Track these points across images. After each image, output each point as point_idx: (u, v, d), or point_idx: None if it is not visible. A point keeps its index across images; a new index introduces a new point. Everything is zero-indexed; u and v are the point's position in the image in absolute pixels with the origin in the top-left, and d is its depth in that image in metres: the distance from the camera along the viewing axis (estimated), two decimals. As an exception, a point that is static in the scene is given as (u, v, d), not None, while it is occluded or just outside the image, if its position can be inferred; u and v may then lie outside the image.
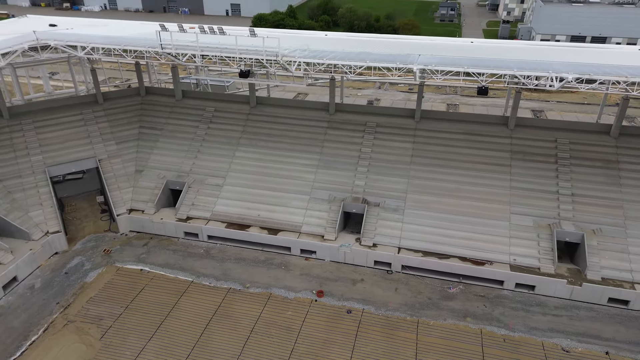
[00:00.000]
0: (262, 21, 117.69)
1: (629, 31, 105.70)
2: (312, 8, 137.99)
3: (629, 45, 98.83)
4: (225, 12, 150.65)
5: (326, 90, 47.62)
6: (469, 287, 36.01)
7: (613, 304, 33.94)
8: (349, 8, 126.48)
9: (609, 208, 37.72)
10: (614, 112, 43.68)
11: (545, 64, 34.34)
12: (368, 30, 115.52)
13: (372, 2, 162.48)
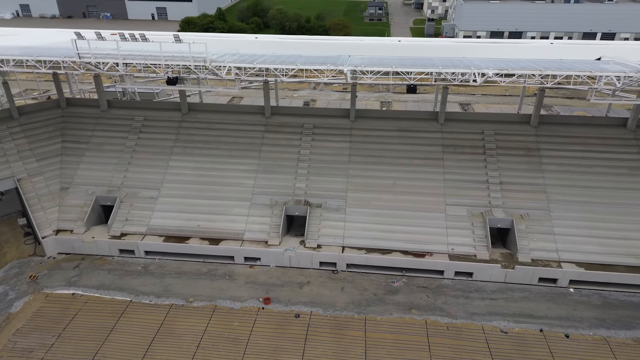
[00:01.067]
0: (191, 25, 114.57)
1: (542, 26, 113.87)
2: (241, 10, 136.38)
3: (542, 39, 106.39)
4: (150, 16, 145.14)
5: (262, 92, 47.02)
6: (412, 280, 37.01)
7: (543, 283, 36.24)
8: (279, 9, 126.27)
9: (533, 193, 40.21)
10: (533, 102, 46.66)
11: (468, 60, 36.05)
12: (299, 31, 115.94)
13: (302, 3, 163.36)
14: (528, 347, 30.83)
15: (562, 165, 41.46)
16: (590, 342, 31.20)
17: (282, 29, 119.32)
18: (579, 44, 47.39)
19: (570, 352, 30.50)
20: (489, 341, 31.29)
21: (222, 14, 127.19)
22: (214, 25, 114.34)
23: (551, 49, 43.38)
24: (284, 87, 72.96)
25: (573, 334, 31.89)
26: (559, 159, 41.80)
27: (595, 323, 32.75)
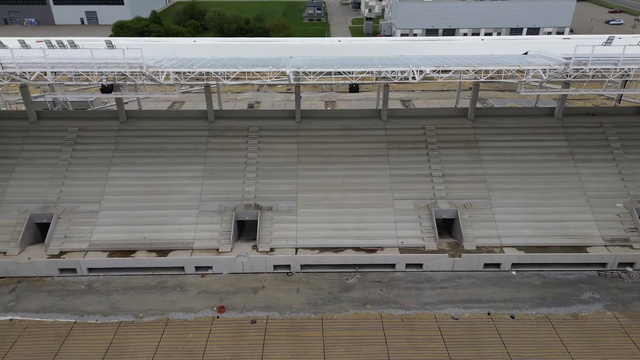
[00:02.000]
0: (124, 29, 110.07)
1: (473, 22, 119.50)
2: (177, 13, 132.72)
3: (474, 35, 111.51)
4: (80, 20, 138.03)
5: (204, 97, 46.01)
6: (365, 275, 37.62)
7: (488, 268, 38.01)
8: (216, 11, 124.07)
9: (474, 183, 42.08)
10: (469, 96, 48.78)
11: (406, 59, 37.11)
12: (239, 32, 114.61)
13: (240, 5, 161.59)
14: (477, 331, 32.24)
15: (498, 155, 43.67)
16: (533, 321, 33.09)
17: (221, 31, 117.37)
18: (507, 40, 50.11)
19: (516, 332, 32.20)
20: (442, 329, 32.42)
21: (157, 17, 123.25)
22: (149, 29, 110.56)
23: (482, 45, 45.50)
24: (227, 90, 71.81)
25: (518, 314, 33.70)
26: (495, 149, 44.01)
27: (537, 302, 34.78)
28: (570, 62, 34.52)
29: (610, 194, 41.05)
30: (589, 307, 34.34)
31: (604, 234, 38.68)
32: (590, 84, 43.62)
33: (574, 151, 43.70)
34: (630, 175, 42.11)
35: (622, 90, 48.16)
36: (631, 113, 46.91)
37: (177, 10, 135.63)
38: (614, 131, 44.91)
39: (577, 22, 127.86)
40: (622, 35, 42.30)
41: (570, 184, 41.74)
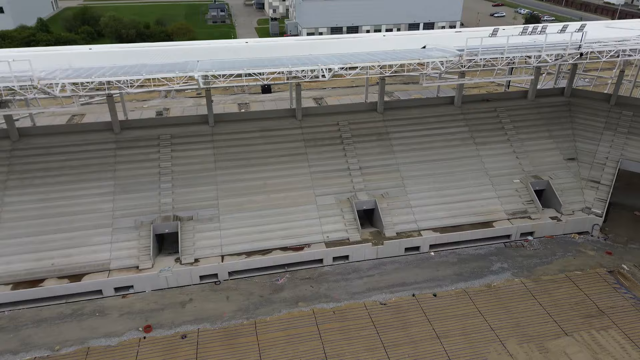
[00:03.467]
0: (7, 39, 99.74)
1: (375, 19, 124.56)
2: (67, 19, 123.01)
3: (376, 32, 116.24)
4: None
5: (107, 107, 43.21)
6: (295, 274, 37.89)
7: (409, 252, 40.09)
8: (112, 16, 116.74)
9: (389, 173, 44.04)
10: (377, 90, 50.78)
11: (315, 57, 37.79)
12: (139, 38, 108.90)
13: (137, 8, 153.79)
14: (405, 313, 33.92)
15: (408, 145, 46.08)
16: (453, 296, 35.52)
17: (119, 37, 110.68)
18: (406, 35, 52.86)
19: (439, 308, 34.35)
20: (372, 315, 33.65)
21: (45, 24, 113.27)
22: (36, 38, 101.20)
23: (384, 41, 47.64)
24: (132, 98, 68.13)
25: (439, 292, 35.96)
26: (405, 139, 46.40)
27: (455, 278, 37.36)
28: (464, 54, 37.35)
29: (508, 172, 45.14)
30: (499, 276, 37.57)
31: (506, 208, 42.47)
32: (483, 72, 47.58)
33: (474, 135, 47.41)
34: (522, 153, 46.61)
35: (510, 76, 53.08)
36: (519, 97, 51.87)
37: (66, 16, 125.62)
38: (506, 114, 49.39)
39: (466, 15, 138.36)
40: (505, 27, 46.58)
41: (473, 166, 45.24)
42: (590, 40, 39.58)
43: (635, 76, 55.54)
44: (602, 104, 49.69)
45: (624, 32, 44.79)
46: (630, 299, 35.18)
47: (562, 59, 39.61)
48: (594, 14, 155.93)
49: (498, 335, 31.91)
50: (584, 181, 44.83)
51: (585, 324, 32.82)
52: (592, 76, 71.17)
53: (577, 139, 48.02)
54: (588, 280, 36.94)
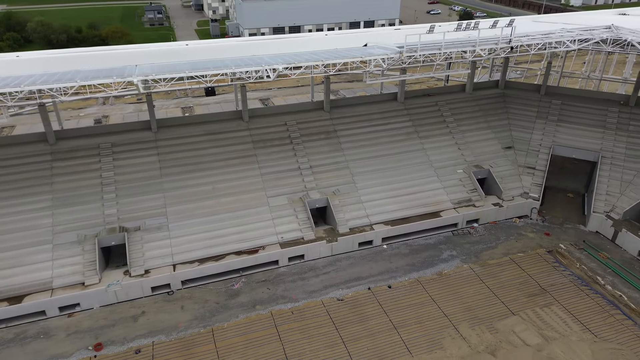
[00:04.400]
0: None
1: (316, 19, 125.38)
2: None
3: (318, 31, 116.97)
4: None
5: (39, 117, 40.77)
6: (251, 277, 37.49)
7: (363, 247, 40.76)
8: (39, 21, 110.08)
9: (339, 171, 44.54)
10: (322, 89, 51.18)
11: (258, 58, 37.51)
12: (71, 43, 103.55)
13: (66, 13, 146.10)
14: (361, 306, 34.47)
15: (356, 141, 46.80)
16: (407, 286, 36.51)
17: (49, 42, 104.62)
18: (348, 33, 53.64)
19: (394, 299, 35.20)
20: (330, 312, 33.94)
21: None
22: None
23: (327, 40, 48.06)
24: (66, 107, 64.81)
25: (393, 283, 36.85)
26: (353, 137, 47.09)
27: (407, 269, 38.41)
28: (404, 50, 38.42)
29: (451, 163, 46.92)
30: (449, 264, 39.02)
31: (451, 198, 44.15)
32: (423, 68, 49.15)
33: (418, 129, 48.90)
34: (464, 144, 48.62)
35: (448, 71, 55.12)
36: (458, 90, 54.05)
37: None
38: (446, 108, 51.31)
39: (404, 13, 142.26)
40: (441, 23, 48.28)
41: (419, 159, 46.65)
42: (519, 34, 41.86)
43: (561, 67, 59.41)
44: (533, 95, 52.77)
45: (549, 25, 47.75)
46: (569, 275, 37.64)
47: (495, 52, 41.67)
48: (521, 9, 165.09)
49: (451, 321, 33.15)
50: (521, 168, 47.43)
51: (530, 303, 34.78)
52: (523, 68, 75.38)
53: (513, 128, 50.72)
54: (530, 261, 39.15)
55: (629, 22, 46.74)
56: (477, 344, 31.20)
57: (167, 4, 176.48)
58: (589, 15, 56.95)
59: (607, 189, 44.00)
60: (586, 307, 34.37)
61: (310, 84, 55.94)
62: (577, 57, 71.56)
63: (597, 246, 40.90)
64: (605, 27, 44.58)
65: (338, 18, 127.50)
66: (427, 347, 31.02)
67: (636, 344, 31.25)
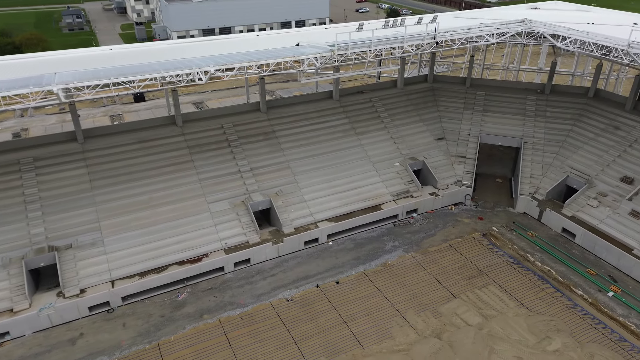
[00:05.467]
0: None
1: (247, 19, 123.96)
2: None
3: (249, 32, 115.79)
4: None
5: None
6: (196, 287, 36.48)
7: (309, 245, 40.94)
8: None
9: (280, 171, 44.41)
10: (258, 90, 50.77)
11: (188, 60, 36.48)
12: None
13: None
14: (311, 304, 34.65)
15: (295, 141, 46.89)
16: (354, 280, 37.14)
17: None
18: (279, 33, 53.47)
19: (342, 294, 35.68)
20: (280, 314, 33.79)
21: None
22: None
23: (259, 41, 47.63)
24: (-21, 121, 59.63)
25: (341, 278, 37.34)
26: (292, 136, 47.14)
27: (353, 263, 39.07)
28: (335, 49, 38.96)
29: (388, 157, 48.28)
30: (392, 254, 40.16)
31: (390, 190, 45.42)
32: (355, 65, 50.13)
33: (354, 126, 49.83)
34: (399, 138, 50.19)
35: (380, 68, 56.81)
36: (390, 86, 55.65)
37: None
38: (380, 103, 52.69)
39: (334, 12, 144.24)
40: (370, 21, 49.46)
41: (357, 155, 47.56)
42: (442, 30, 43.82)
43: (483, 60, 62.94)
44: (460, 87, 55.49)
45: (470, 21, 50.38)
46: (502, 255, 40.02)
47: (422, 48, 43.35)
48: (443, 6, 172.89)
49: (398, 310, 34.15)
50: (453, 157, 49.73)
51: (469, 285, 36.60)
52: (449, 62, 79.06)
53: (443, 120, 53.04)
54: (467, 245, 41.19)
55: (541, 16, 50.41)
56: (424, 329, 32.38)
57: (86, 8, 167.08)
58: (505, 10, 60.71)
59: (530, 172, 47.20)
60: (520, 283, 36.71)
61: (245, 85, 55.33)
62: (497, 50, 76.23)
63: (525, 226, 43.79)
64: (519, 21, 47.75)
65: (269, 18, 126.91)
66: (377, 338, 31.75)
67: (566, 314, 33.84)
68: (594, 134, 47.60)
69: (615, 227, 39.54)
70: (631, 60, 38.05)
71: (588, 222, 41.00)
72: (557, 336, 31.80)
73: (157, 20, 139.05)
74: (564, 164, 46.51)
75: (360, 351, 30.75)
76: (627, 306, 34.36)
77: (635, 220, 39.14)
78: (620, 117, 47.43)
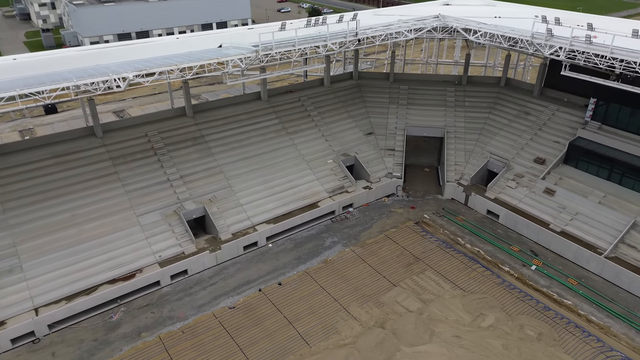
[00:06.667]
0: None
1: (165, 22, 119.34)
2: None
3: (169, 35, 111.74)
4: None
5: None
6: (131, 304, 34.62)
7: (248, 249, 40.28)
8: None
9: (213, 176, 43.27)
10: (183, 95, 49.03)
11: (104, 67, 34.39)
12: None
13: None
14: (255, 309, 34.14)
15: (226, 144, 45.92)
16: (297, 280, 37.09)
17: None
18: (201, 35, 51.96)
19: (286, 295, 35.51)
20: (223, 322, 32.96)
21: None
22: None
23: (180, 44, 45.94)
24: None
25: (283, 279, 37.14)
26: (222, 140, 46.12)
27: (295, 263, 39.02)
28: (259, 49, 38.56)
29: (321, 155, 48.72)
30: (332, 250, 40.61)
31: (326, 187, 45.88)
32: (281, 65, 49.94)
33: (285, 126, 49.75)
34: (330, 135, 50.80)
35: (306, 67, 57.11)
36: (317, 85, 56.15)
37: None
38: (309, 102, 53.01)
39: (256, 12, 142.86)
40: (292, 21, 49.48)
41: (291, 154, 47.54)
42: (363, 27, 44.86)
43: (404, 55, 65.37)
44: (384, 82, 57.22)
45: (388, 18, 51.98)
46: (435, 241, 41.85)
47: (345, 45, 44.12)
48: (362, 4, 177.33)
49: (341, 304, 34.59)
50: (383, 150, 51.21)
51: (408, 272, 37.91)
52: (372, 59, 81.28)
53: (370, 115, 54.43)
54: (402, 234, 42.62)
55: (453, 11, 53.11)
56: (368, 321, 33.06)
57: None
58: (420, 7, 63.36)
59: (454, 160, 49.77)
60: (453, 266, 38.61)
61: (168, 90, 53.30)
62: (416, 45, 79.47)
63: (454, 211, 46.12)
64: (434, 16, 50.04)
65: (189, 20, 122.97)
66: (323, 334, 31.95)
67: (496, 290, 36.07)
68: (507, 120, 51.11)
69: (532, 205, 42.77)
70: (535, 50, 41.20)
71: (509, 202, 44.01)
72: (490, 312, 33.82)
73: (66, 26, 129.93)
74: (484, 150, 49.52)
75: (307, 350, 30.78)
76: (548, 277, 37.31)
77: (549, 197, 42.57)
78: (529, 103, 51.33)
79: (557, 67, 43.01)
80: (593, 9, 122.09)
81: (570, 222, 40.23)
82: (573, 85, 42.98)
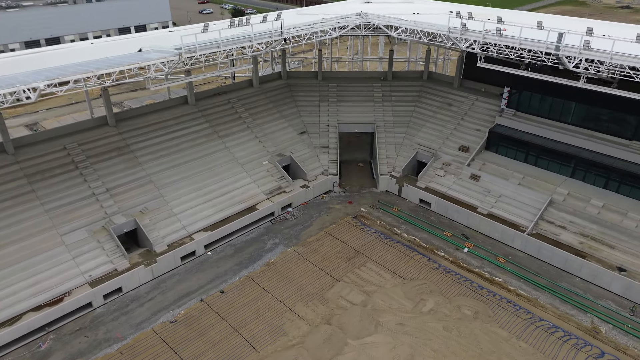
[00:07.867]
0: None
1: (78, 27, 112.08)
2: None
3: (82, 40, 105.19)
4: None
5: None
6: (61, 330, 32.22)
7: (186, 260, 38.89)
8: None
9: (142, 187, 41.30)
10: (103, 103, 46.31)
11: (10, 77, 31.59)
12: None
13: None
14: (197, 320, 33.06)
15: (154, 152, 44.02)
16: (239, 286, 36.38)
17: None
18: (118, 40, 49.31)
19: (229, 302, 34.73)
20: (164, 337, 31.61)
21: None
22: None
23: (95, 49, 43.30)
24: None
25: (225, 287, 36.28)
26: (150, 148, 44.15)
27: (236, 269, 38.26)
28: (182, 52, 37.28)
29: (256, 156, 48.15)
30: (274, 252, 40.30)
31: (263, 189, 45.41)
32: (207, 68, 48.74)
33: (217, 129, 48.60)
34: (263, 136, 50.34)
35: (233, 68, 56.13)
36: (246, 86, 55.37)
37: None
38: (239, 104, 52.17)
39: (176, 14, 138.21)
40: (215, 22, 48.34)
41: (224, 158, 46.53)
42: (288, 26, 44.82)
43: (330, 53, 66.22)
44: (313, 81, 57.63)
45: (312, 17, 52.36)
46: (374, 233, 42.86)
47: (272, 45, 43.83)
48: (285, 4, 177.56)
49: (287, 305, 34.42)
50: (317, 148, 51.59)
51: (349, 266, 38.50)
52: (299, 58, 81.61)
53: (302, 114, 54.61)
54: (341, 230, 43.21)
55: (374, 9, 54.55)
56: (314, 319, 33.18)
57: None
58: (342, 6, 64.46)
59: (386, 153, 51.25)
60: (392, 256, 39.76)
61: (86, 99, 50.14)
62: (341, 43, 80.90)
63: (389, 203, 47.51)
64: (356, 14, 51.09)
65: (104, 25, 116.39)
66: (271, 338, 31.63)
67: (433, 275, 37.62)
68: (432, 112, 53.44)
69: (460, 191, 45.08)
70: (452, 44, 43.34)
71: (439, 190, 46.07)
72: (430, 297, 35.22)
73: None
74: (412, 141, 51.42)
75: (255, 355, 30.31)
76: (480, 258, 39.53)
77: (475, 182, 45.09)
78: (451, 95, 54.00)
79: (473, 59, 45.63)
80: (501, 3, 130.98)
81: (495, 205, 42.88)
82: (489, 75, 45.71)
